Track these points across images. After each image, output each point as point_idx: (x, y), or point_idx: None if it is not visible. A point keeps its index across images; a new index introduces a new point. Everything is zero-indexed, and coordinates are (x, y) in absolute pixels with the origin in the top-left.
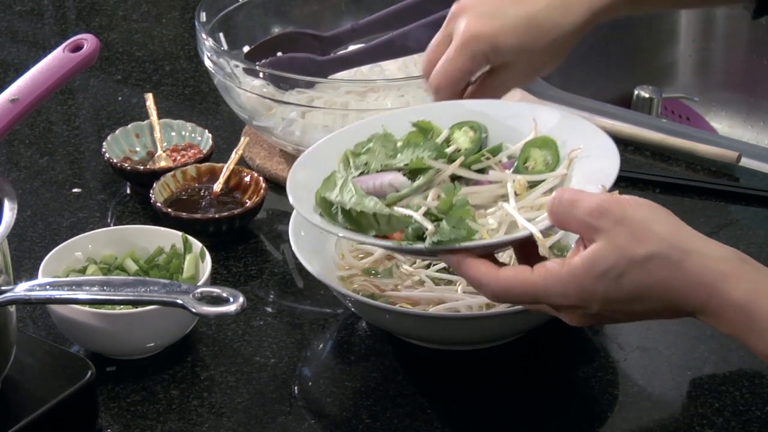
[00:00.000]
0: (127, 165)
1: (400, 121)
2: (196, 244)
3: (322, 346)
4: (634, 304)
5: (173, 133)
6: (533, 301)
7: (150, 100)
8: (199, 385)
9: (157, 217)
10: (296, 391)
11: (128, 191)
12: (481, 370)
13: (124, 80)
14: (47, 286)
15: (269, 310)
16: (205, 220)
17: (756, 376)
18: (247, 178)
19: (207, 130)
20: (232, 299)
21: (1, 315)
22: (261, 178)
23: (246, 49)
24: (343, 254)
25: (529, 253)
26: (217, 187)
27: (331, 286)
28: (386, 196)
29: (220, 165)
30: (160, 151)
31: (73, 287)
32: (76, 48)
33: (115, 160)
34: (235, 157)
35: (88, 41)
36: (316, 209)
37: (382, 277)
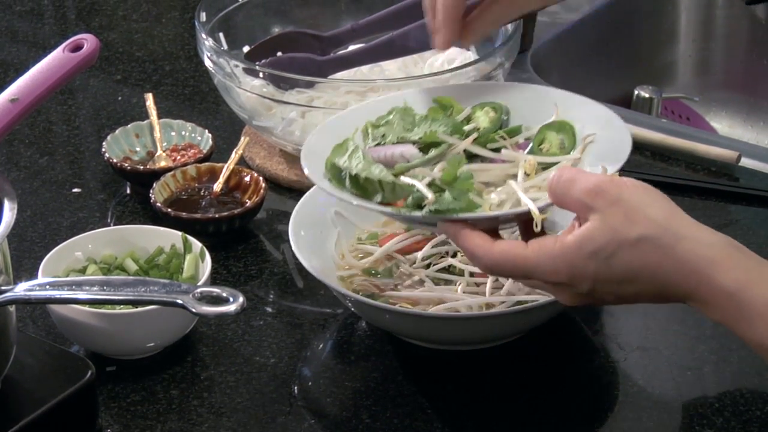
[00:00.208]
0: (127, 165)
1: (424, 97)
2: (196, 244)
3: (322, 346)
4: (624, 286)
5: (173, 133)
6: (525, 276)
7: (150, 100)
8: (199, 385)
9: (157, 217)
10: (296, 391)
11: (128, 191)
12: (481, 370)
13: (124, 80)
14: (47, 286)
15: (269, 310)
16: (205, 220)
17: (756, 376)
18: (247, 178)
19: (207, 130)
20: (231, 299)
21: (1, 315)
22: (261, 178)
23: (246, 49)
24: (343, 254)
25: (531, 231)
26: (217, 186)
27: (331, 286)
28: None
29: (220, 165)
30: (160, 151)
31: (73, 287)
32: (76, 48)
33: (115, 160)
34: (235, 157)
35: (88, 41)
36: (325, 175)
37: (382, 277)
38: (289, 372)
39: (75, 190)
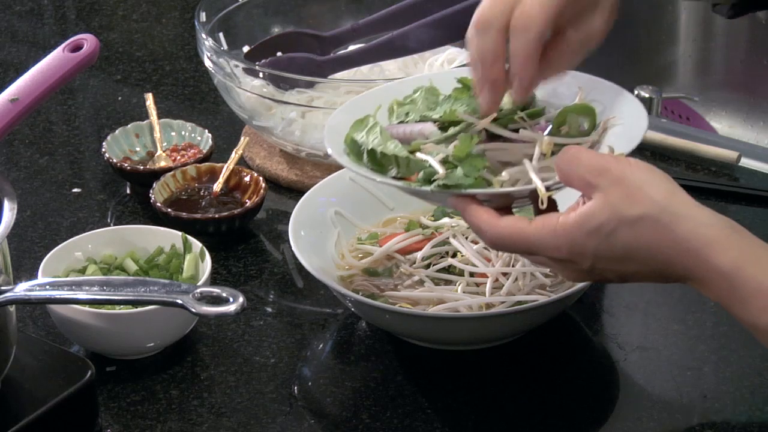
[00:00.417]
0: (126, 165)
1: (450, 78)
2: (196, 244)
3: (321, 346)
4: (624, 264)
5: (173, 133)
6: (528, 252)
7: (150, 99)
8: (199, 385)
9: (156, 217)
10: (296, 391)
11: (128, 191)
12: (481, 370)
13: (123, 80)
14: (47, 286)
15: (269, 310)
16: (204, 220)
17: (756, 376)
18: (247, 178)
19: (207, 130)
20: (231, 299)
21: (1, 315)
22: (261, 178)
23: (246, 49)
24: (342, 254)
25: (543, 210)
26: (217, 186)
27: (331, 286)
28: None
29: (220, 165)
30: (159, 151)
31: (73, 287)
32: (76, 48)
33: (115, 160)
34: (234, 156)
35: (88, 41)
36: (345, 150)
37: (382, 277)
38: (289, 372)
39: (75, 190)
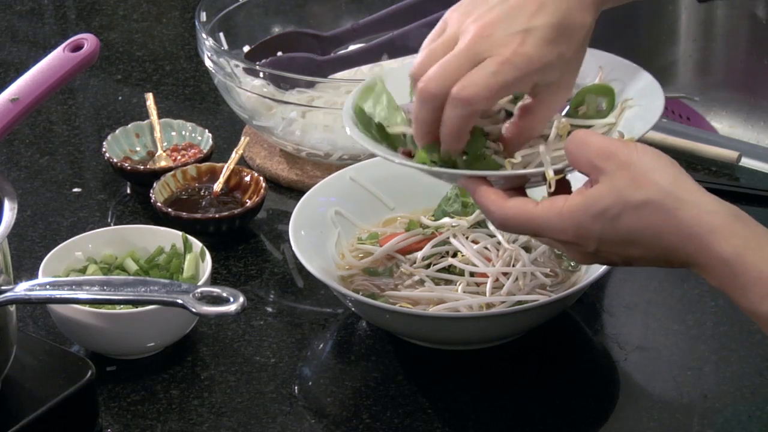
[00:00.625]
0: (127, 165)
1: None
2: (196, 244)
3: (322, 345)
4: (628, 248)
5: (173, 133)
6: (534, 233)
7: (150, 99)
8: (199, 384)
9: (157, 217)
10: (296, 391)
11: (128, 191)
12: (481, 369)
13: (124, 80)
14: (47, 286)
15: (269, 309)
16: (205, 220)
17: (756, 376)
18: (248, 178)
19: (207, 130)
20: (232, 299)
21: (1, 315)
22: (261, 178)
23: (246, 48)
24: (343, 254)
25: (556, 193)
26: (218, 186)
27: (332, 286)
28: None
29: (221, 165)
30: (160, 151)
31: (74, 287)
32: (77, 48)
33: (116, 160)
34: (235, 156)
35: (88, 41)
36: (353, 119)
37: (382, 276)
38: (289, 372)
39: (75, 190)
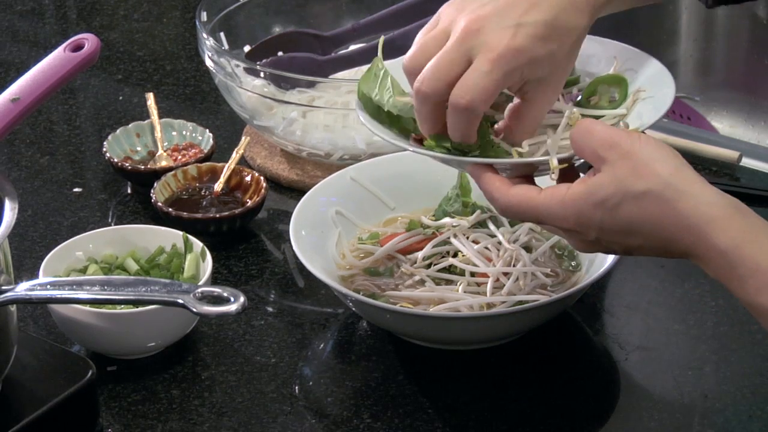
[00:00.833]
0: (127, 164)
1: None
2: (197, 244)
3: (322, 345)
4: (628, 238)
5: (174, 133)
6: (537, 221)
7: (151, 99)
8: (199, 384)
9: (157, 217)
10: (297, 391)
11: (129, 191)
12: (481, 369)
13: (124, 80)
14: (48, 286)
15: (270, 309)
16: (205, 220)
17: (756, 376)
18: (248, 178)
19: (208, 130)
20: (232, 299)
21: (2, 314)
22: (262, 178)
23: (247, 48)
24: (343, 254)
25: (565, 181)
26: (218, 186)
27: (332, 286)
28: None
29: (221, 164)
30: (160, 151)
31: (74, 287)
32: (77, 47)
33: (116, 160)
34: (235, 156)
35: (89, 41)
36: (358, 104)
37: (383, 276)
38: (289, 372)
39: (76, 190)
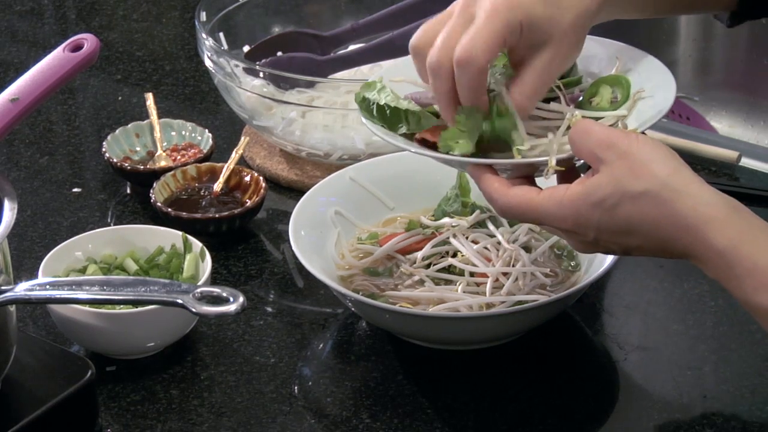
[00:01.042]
0: (127, 165)
1: None
2: (196, 244)
3: (322, 345)
4: (627, 238)
5: (173, 133)
6: (536, 221)
7: (150, 99)
8: (199, 384)
9: (157, 217)
10: (296, 391)
11: (128, 191)
12: (481, 369)
13: (124, 80)
14: (47, 286)
15: (269, 309)
16: (205, 220)
17: (756, 376)
18: (248, 178)
19: (207, 130)
20: (232, 299)
21: (1, 315)
22: (261, 178)
23: (246, 48)
24: (343, 254)
25: (565, 182)
26: (217, 186)
27: (331, 286)
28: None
29: (221, 165)
30: (160, 151)
31: (73, 287)
32: (76, 48)
33: (115, 160)
34: (235, 156)
35: (88, 41)
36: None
37: (382, 276)
38: (289, 372)
39: (75, 190)
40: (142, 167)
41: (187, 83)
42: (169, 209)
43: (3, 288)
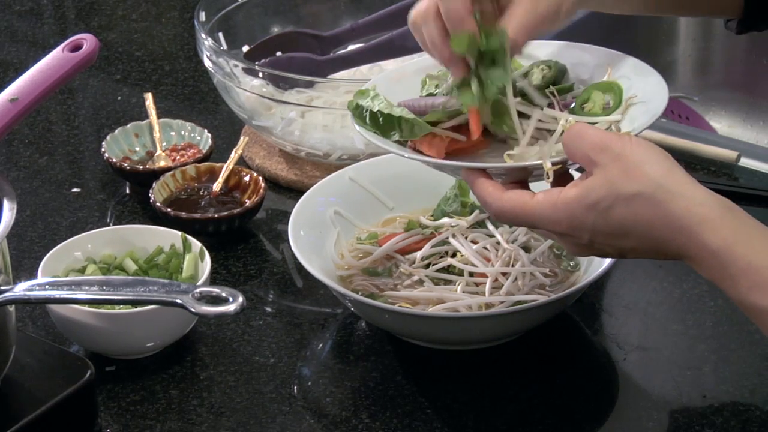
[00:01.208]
0: (126, 165)
1: None
2: (196, 244)
3: (321, 345)
4: (621, 240)
5: (172, 133)
6: (530, 225)
7: (149, 99)
8: (198, 384)
9: (156, 217)
10: (296, 391)
11: (127, 191)
12: (480, 370)
13: (123, 80)
14: (46, 286)
15: (269, 309)
16: (204, 220)
17: (756, 376)
18: (247, 178)
19: (206, 130)
20: (231, 299)
21: (1, 315)
22: (260, 178)
23: (245, 48)
24: (342, 254)
25: (559, 186)
26: (217, 186)
27: (331, 286)
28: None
29: (220, 165)
30: (159, 151)
31: (73, 287)
32: (76, 48)
33: (115, 160)
34: (234, 156)
35: (88, 41)
36: (353, 117)
37: (382, 276)
38: (288, 372)
39: (74, 190)
40: (142, 167)
41: (186, 83)
42: (169, 209)
43: (2, 288)
